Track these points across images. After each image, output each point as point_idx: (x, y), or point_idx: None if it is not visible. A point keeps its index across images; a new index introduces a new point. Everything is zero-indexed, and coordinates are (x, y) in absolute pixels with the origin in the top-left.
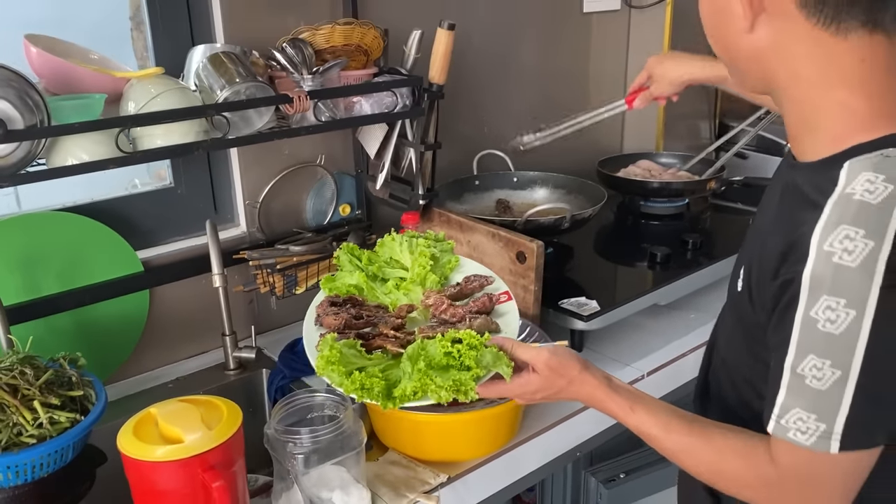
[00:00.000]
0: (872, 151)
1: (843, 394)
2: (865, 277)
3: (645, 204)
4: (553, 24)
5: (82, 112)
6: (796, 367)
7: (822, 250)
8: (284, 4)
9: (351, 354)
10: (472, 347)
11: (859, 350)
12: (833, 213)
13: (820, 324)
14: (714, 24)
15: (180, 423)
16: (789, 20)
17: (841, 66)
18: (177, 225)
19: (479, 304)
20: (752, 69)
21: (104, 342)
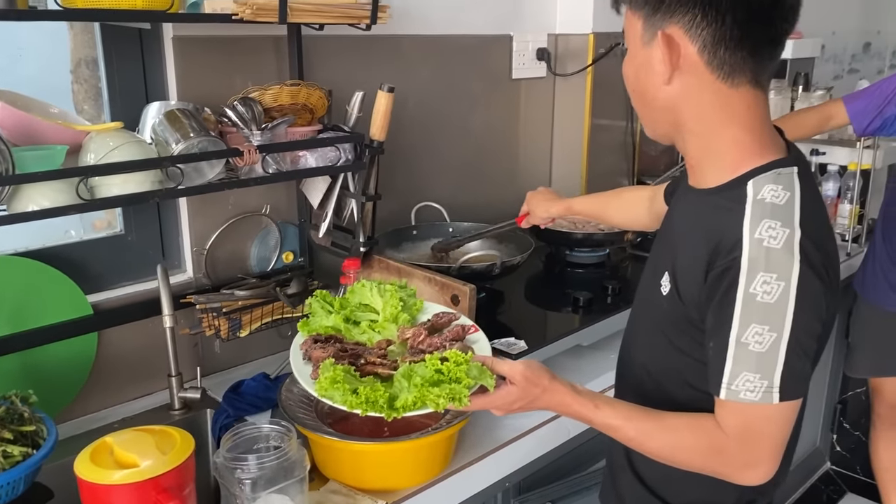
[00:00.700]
0: (768, 171)
1: (778, 352)
2: (788, 255)
3: (570, 253)
4: (485, 88)
5: (44, 162)
6: (740, 338)
7: (753, 238)
8: (235, 66)
9: (349, 377)
10: (459, 364)
11: (789, 313)
12: (754, 211)
13: (759, 297)
14: (636, 80)
15: (136, 449)
16: (697, 75)
17: (734, 110)
18: (126, 270)
19: (453, 333)
20: (664, 117)
21: (51, 383)
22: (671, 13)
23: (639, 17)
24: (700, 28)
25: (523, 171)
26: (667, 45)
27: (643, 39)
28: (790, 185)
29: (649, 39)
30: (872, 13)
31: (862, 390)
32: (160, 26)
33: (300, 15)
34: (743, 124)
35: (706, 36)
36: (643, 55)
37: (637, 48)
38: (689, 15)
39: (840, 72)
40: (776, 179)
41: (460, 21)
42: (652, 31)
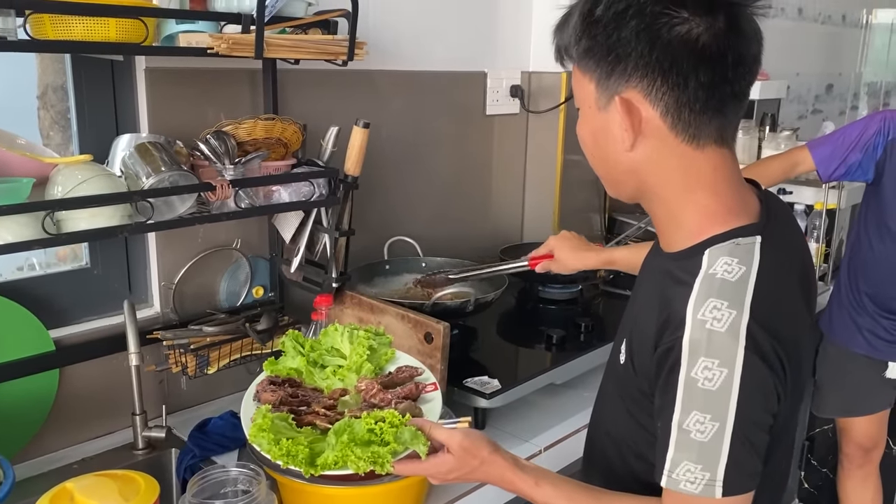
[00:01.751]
0: (726, 241)
1: (721, 443)
2: (732, 340)
3: (543, 290)
4: (459, 123)
5: (9, 195)
6: (682, 424)
7: (696, 319)
8: (208, 99)
9: (282, 426)
10: (393, 425)
11: (732, 402)
12: (701, 288)
13: (700, 382)
14: (594, 145)
15: (97, 495)
16: (661, 139)
17: (699, 173)
18: (91, 304)
19: (407, 390)
20: (628, 180)
21: (8, 422)
22: (627, 77)
23: (591, 80)
24: (661, 92)
25: (496, 205)
26: (626, 110)
27: (598, 103)
28: (747, 259)
29: (605, 104)
30: (834, 56)
31: (829, 427)
32: (132, 58)
33: (276, 50)
34: (708, 187)
35: (668, 100)
36: (600, 119)
37: (592, 111)
38: (648, 79)
39: (804, 112)
40: (732, 251)
41: (435, 57)
42: (608, 94)
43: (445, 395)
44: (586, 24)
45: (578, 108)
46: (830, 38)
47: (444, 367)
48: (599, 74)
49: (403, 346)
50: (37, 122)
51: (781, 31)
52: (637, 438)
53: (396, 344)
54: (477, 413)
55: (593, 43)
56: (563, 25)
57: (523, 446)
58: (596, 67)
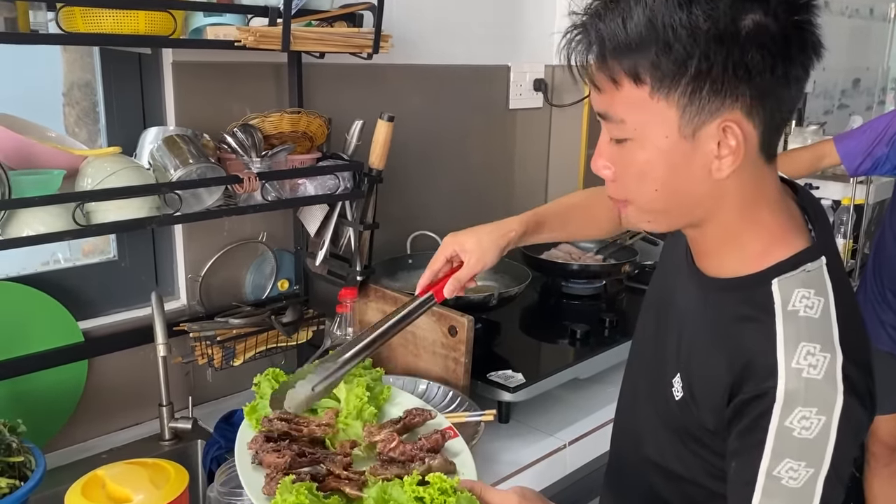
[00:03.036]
0: (794, 268)
1: (815, 487)
2: (831, 387)
3: (566, 285)
4: (482, 118)
5: (41, 187)
6: (772, 471)
7: (790, 368)
8: (234, 92)
9: (312, 500)
10: (443, 492)
11: (829, 448)
12: (787, 331)
13: (796, 432)
14: (672, 178)
15: (128, 483)
16: (751, 162)
17: (766, 188)
18: (119, 297)
19: (432, 441)
20: (695, 209)
21: (39, 412)
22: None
23: (674, 105)
24: (764, 109)
25: (519, 200)
26: (732, 135)
27: (682, 132)
28: (822, 289)
29: (695, 130)
30: (861, 50)
31: None
32: (160, 51)
33: (303, 43)
34: (771, 203)
35: (765, 113)
36: (682, 149)
37: (670, 141)
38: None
39: (830, 107)
40: (806, 282)
41: (459, 51)
42: (700, 119)
43: (469, 389)
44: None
45: (626, 137)
46: (857, 32)
47: (468, 360)
48: (692, 99)
49: (427, 339)
50: (62, 118)
51: None
52: (693, 470)
53: (421, 337)
54: (501, 407)
55: (706, 65)
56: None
57: (547, 441)
58: (690, 92)
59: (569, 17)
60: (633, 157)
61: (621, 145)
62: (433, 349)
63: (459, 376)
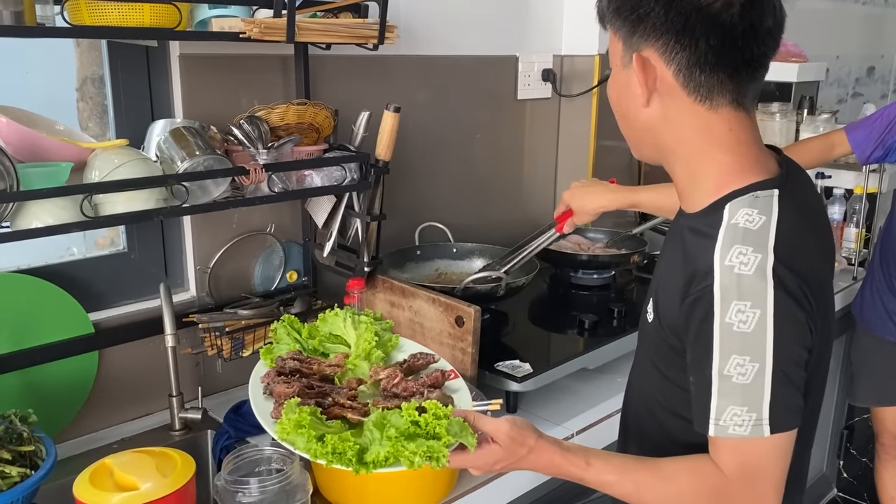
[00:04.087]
0: (745, 194)
1: (763, 382)
2: (761, 281)
3: (575, 275)
4: (490, 108)
5: (49, 179)
6: (722, 370)
7: (724, 266)
8: (241, 85)
9: (314, 421)
10: (439, 418)
11: (769, 342)
12: (725, 238)
13: (735, 326)
14: (618, 101)
15: (135, 471)
16: (675, 98)
17: (714, 132)
18: (128, 288)
19: (432, 378)
20: (646, 138)
21: (50, 402)
22: (646, 36)
23: (619, 38)
24: (674, 52)
25: (527, 191)
26: (642, 67)
27: (623, 61)
28: (767, 209)
29: (628, 61)
30: (876, 38)
31: (868, 416)
32: (167, 44)
33: (308, 34)
34: (725, 147)
35: (681, 59)
36: (623, 76)
37: (618, 69)
38: (664, 39)
39: (844, 96)
40: (752, 203)
41: (466, 42)
42: (630, 52)
43: (477, 379)
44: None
45: (611, 67)
46: (872, 19)
47: (475, 350)
48: (625, 33)
49: (435, 329)
50: (76, 113)
51: (820, 13)
52: (669, 396)
53: (428, 327)
54: (508, 396)
55: (620, 3)
56: None
57: (555, 430)
58: (622, 26)
59: None
60: (608, 86)
61: None
62: (440, 339)
63: (467, 366)
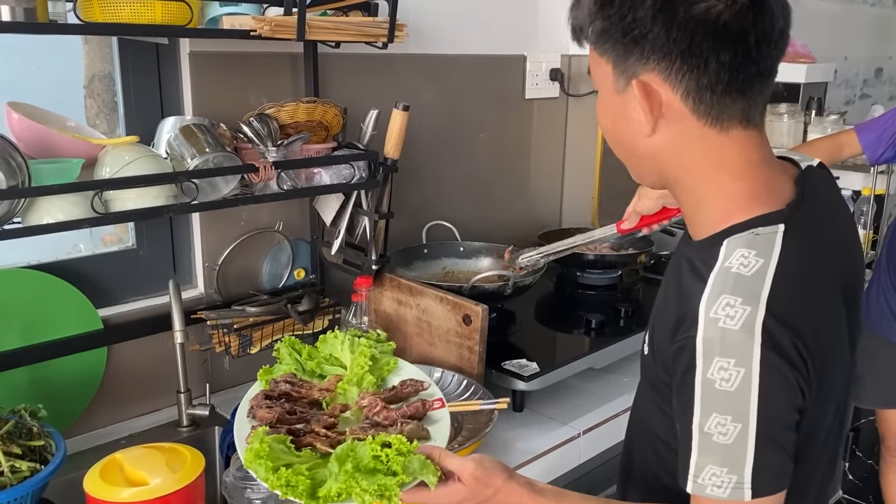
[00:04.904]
0: (746, 230)
1: (746, 445)
2: (747, 338)
3: (581, 275)
4: (497, 108)
5: (60, 175)
6: (703, 427)
7: (708, 317)
8: (250, 82)
9: (280, 450)
10: (401, 453)
11: (752, 402)
12: (715, 284)
13: (717, 384)
14: (614, 129)
15: (145, 467)
16: (683, 123)
17: (723, 156)
18: (137, 285)
19: (413, 408)
20: (649, 166)
21: (59, 397)
22: (645, 59)
23: (608, 61)
24: (681, 74)
25: (535, 190)
26: (644, 94)
27: (616, 86)
28: (766, 250)
29: (623, 86)
30: (884, 39)
31: (873, 418)
32: (177, 41)
33: (318, 32)
34: (734, 171)
35: (689, 82)
36: (618, 102)
37: (609, 94)
38: (667, 61)
39: (852, 97)
40: (750, 243)
41: (474, 41)
42: (625, 77)
43: (483, 377)
44: (600, 4)
45: (596, 88)
46: (881, 20)
47: (482, 348)
48: (616, 56)
49: (442, 327)
50: (83, 111)
51: (829, 14)
52: (666, 429)
53: (435, 326)
54: (515, 395)
55: (608, 24)
56: (576, 4)
57: (561, 430)
58: (612, 49)
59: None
60: (598, 111)
61: None
62: (448, 338)
63: (473, 365)
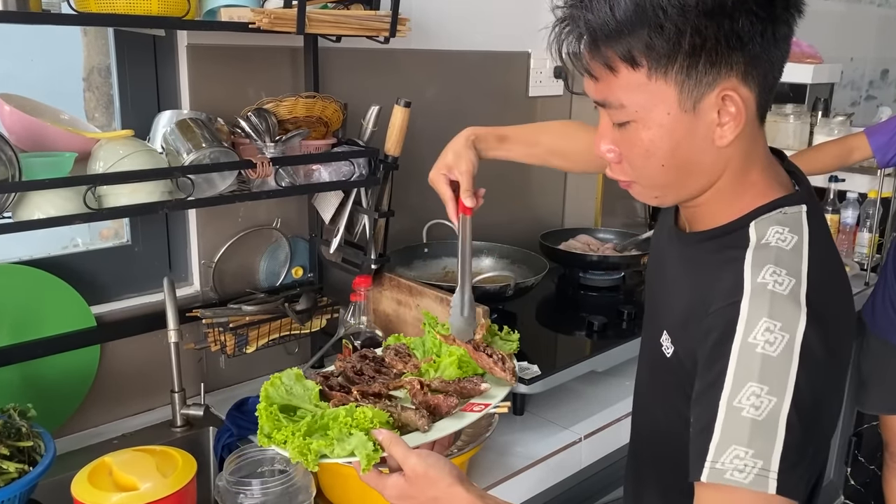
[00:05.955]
0: (773, 210)
1: (777, 424)
2: (795, 305)
3: (584, 276)
4: (501, 105)
5: (52, 169)
6: (733, 400)
7: (756, 282)
8: (249, 76)
9: (299, 394)
10: (356, 426)
11: (792, 375)
12: (756, 257)
13: (759, 346)
14: (673, 153)
15: (135, 471)
16: (749, 121)
17: (758, 149)
18: (132, 282)
19: (435, 400)
20: (702, 180)
21: (50, 396)
22: (724, 62)
23: (669, 81)
24: (758, 72)
25: (537, 190)
26: (731, 103)
27: (682, 106)
28: (798, 229)
29: (695, 102)
30: (891, 40)
31: (877, 423)
32: (174, 34)
33: (318, 26)
34: (761, 163)
35: (759, 77)
36: (684, 123)
37: (672, 118)
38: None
39: (857, 98)
40: (781, 221)
41: (478, 37)
42: (698, 92)
43: None
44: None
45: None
46: (886, 21)
47: None
48: (689, 74)
49: None
50: (83, 103)
51: (835, 15)
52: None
53: None
54: (516, 399)
55: (699, 39)
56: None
57: (563, 434)
58: (687, 67)
59: (552, 11)
60: (637, 138)
61: (624, 128)
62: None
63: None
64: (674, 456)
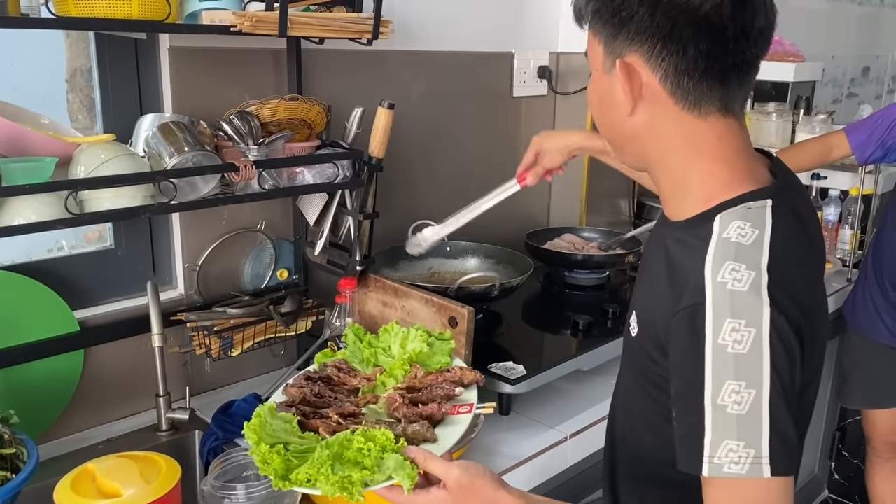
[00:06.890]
0: (737, 205)
1: (760, 413)
2: (756, 298)
3: (569, 275)
4: (485, 105)
5: (33, 174)
6: (716, 399)
7: (716, 282)
8: (232, 79)
9: (281, 428)
10: (383, 449)
11: (765, 365)
12: (717, 253)
13: (729, 347)
14: (600, 108)
15: (119, 477)
16: (661, 105)
17: (703, 141)
18: (115, 286)
19: (429, 410)
20: (631, 147)
21: (33, 402)
22: (630, 40)
23: (600, 42)
24: (661, 57)
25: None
26: (626, 74)
27: (605, 66)
28: (760, 222)
29: (610, 67)
30: (871, 38)
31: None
32: (156, 37)
33: (300, 28)
34: (714, 156)
35: (668, 65)
36: (605, 82)
37: (599, 74)
38: (649, 44)
39: (839, 96)
40: (744, 215)
41: (461, 38)
42: (612, 57)
43: None
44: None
45: (590, 71)
46: (867, 19)
47: (468, 351)
48: (605, 36)
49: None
50: (66, 105)
51: (817, 13)
52: (648, 410)
53: None
54: (501, 399)
55: (601, 4)
56: None
57: (549, 433)
58: (602, 29)
59: None
60: (588, 91)
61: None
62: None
63: None
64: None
